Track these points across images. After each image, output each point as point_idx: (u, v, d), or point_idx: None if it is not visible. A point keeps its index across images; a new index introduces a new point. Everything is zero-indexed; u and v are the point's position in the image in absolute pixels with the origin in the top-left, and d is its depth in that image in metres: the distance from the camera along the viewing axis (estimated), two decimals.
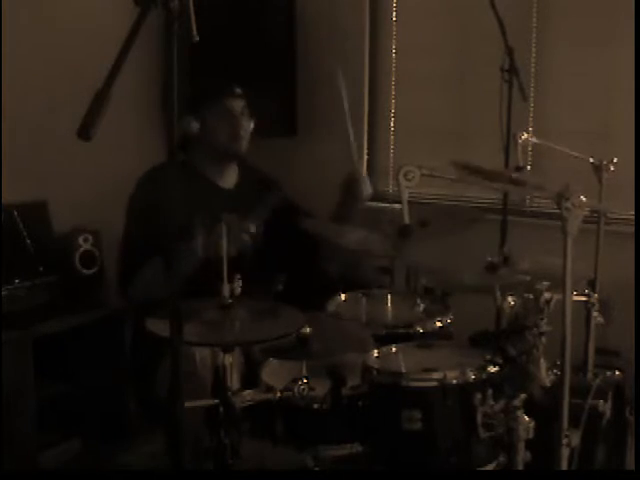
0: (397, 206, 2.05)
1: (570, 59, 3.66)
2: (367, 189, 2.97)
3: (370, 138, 4.16)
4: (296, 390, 2.03)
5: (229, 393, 1.99)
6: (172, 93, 1.47)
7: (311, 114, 4.07)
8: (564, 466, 1.86)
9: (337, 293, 2.73)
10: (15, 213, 3.41)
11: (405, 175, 1.91)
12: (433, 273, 2.71)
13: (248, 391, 2.07)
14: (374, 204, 4.09)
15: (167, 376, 1.59)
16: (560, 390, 1.84)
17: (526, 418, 1.96)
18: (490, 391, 2.00)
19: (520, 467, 1.98)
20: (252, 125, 2.85)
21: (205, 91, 2.85)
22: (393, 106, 4.11)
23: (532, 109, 3.73)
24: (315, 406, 2.11)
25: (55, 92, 3.56)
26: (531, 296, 2.09)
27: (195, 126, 2.72)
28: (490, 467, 2.04)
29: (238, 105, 2.80)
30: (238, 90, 2.82)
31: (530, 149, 3.53)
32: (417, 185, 1.93)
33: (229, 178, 2.90)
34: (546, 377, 2.06)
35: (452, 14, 3.93)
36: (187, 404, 1.57)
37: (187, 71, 3.49)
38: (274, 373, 2.27)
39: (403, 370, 2.15)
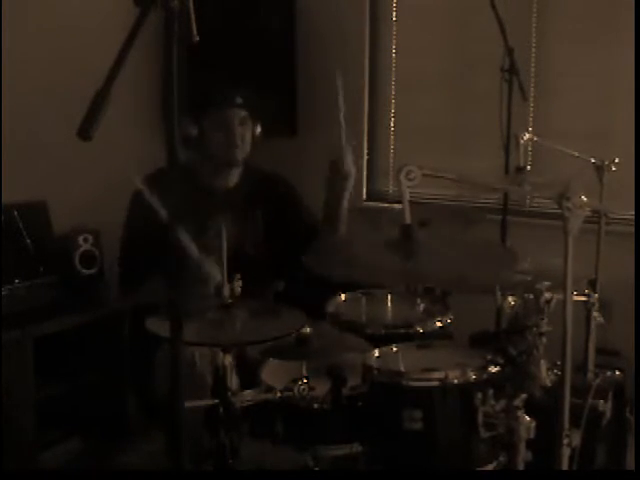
0: (397, 206, 2.05)
1: (570, 59, 3.66)
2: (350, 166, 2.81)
3: (370, 138, 4.15)
4: (296, 390, 2.03)
5: (229, 393, 1.99)
6: (172, 93, 1.47)
7: (311, 114, 4.07)
8: (564, 466, 1.86)
9: (337, 293, 2.73)
10: (15, 213, 3.41)
11: (406, 175, 1.91)
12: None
13: (248, 391, 2.07)
14: (374, 204, 4.11)
15: (164, 376, 1.59)
16: (560, 390, 1.84)
17: (527, 418, 1.96)
18: (491, 391, 2.00)
19: (521, 467, 1.98)
20: (258, 131, 2.86)
21: (205, 96, 2.83)
22: (393, 106, 4.11)
23: (532, 109, 3.73)
24: (315, 406, 2.11)
25: (55, 92, 3.56)
26: (531, 296, 2.09)
27: (193, 130, 2.72)
28: (490, 467, 2.03)
29: (238, 115, 2.79)
30: (239, 100, 2.80)
31: (530, 149, 3.53)
32: (418, 185, 1.93)
33: (228, 179, 2.90)
34: (546, 377, 2.06)
35: (452, 14, 3.93)
36: (187, 404, 1.57)
37: (187, 71, 3.49)
38: (274, 373, 2.27)
39: (403, 370, 2.15)
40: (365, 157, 4.16)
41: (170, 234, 1.47)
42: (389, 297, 2.80)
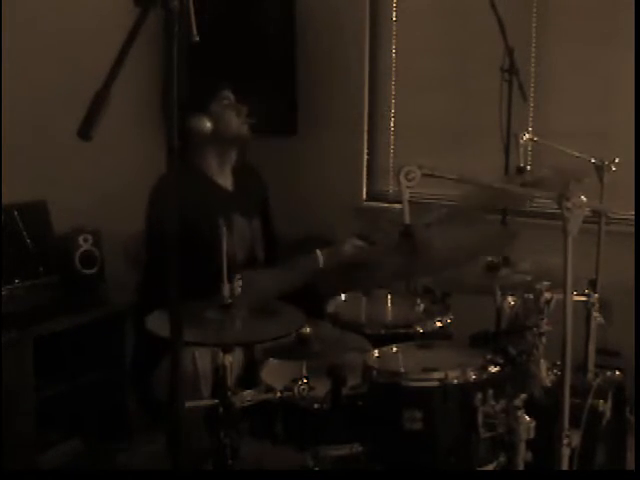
0: (397, 206, 2.05)
1: (570, 59, 3.66)
2: None
3: (370, 138, 4.15)
4: (296, 390, 2.03)
5: (229, 393, 1.99)
6: (172, 93, 1.47)
7: (311, 114, 4.07)
8: (565, 466, 1.86)
9: (337, 293, 2.73)
10: (15, 213, 3.41)
11: (406, 175, 1.91)
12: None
13: (248, 391, 2.07)
14: (374, 204, 4.11)
15: (165, 376, 1.59)
16: (560, 390, 1.84)
17: (527, 418, 1.96)
18: (491, 391, 2.00)
19: (521, 467, 1.98)
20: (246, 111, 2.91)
21: (207, 88, 2.90)
22: (393, 106, 4.11)
23: (532, 109, 3.73)
24: (315, 406, 2.11)
25: (55, 92, 3.57)
26: (531, 296, 2.09)
27: (208, 124, 2.76)
28: (490, 467, 2.03)
29: (231, 95, 2.88)
30: (226, 82, 2.91)
31: (530, 149, 3.52)
32: (417, 185, 1.93)
33: (228, 180, 2.91)
34: (546, 377, 2.06)
35: (452, 14, 3.93)
36: (187, 404, 1.57)
37: (187, 71, 3.49)
38: (274, 373, 2.27)
39: (403, 370, 2.15)
40: (365, 157, 4.16)
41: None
42: (389, 297, 2.80)
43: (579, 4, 3.63)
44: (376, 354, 2.21)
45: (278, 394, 2.05)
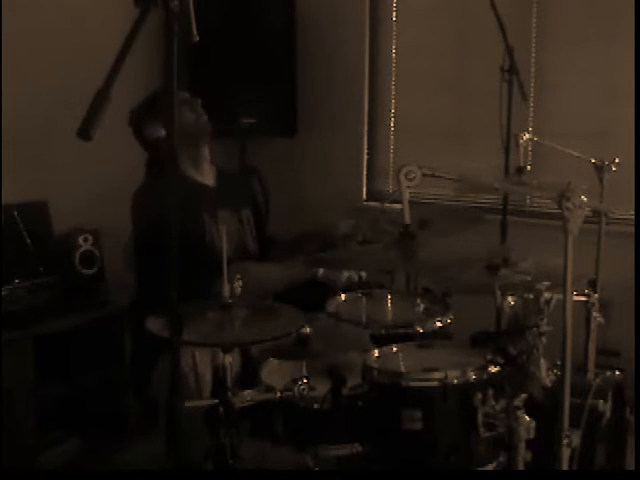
0: (397, 206, 2.05)
1: (570, 59, 3.67)
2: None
3: (370, 138, 4.16)
4: (296, 390, 2.03)
5: (229, 393, 1.99)
6: (172, 93, 1.47)
7: (311, 113, 4.07)
8: (564, 466, 1.86)
9: (337, 293, 2.73)
10: (15, 213, 3.41)
11: (406, 175, 1.91)
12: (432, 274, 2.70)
13: (248, 391, 2.07)
14: (374, 204, 4.11)
15: (164, 376, 1.59)
16: (560, 390, 1.84)
17: (527, 418, 1.96)
18: (491, 391, 2.00)
19: (520, 467, 1.98)
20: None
21: (157, 96, 2.80)
22: (393, 106, 4.11)
23: (532, 109, 3.73)
24: (315, 406, 2.11)
25: (55, 92, 3.56)
26: (531, 296, 2.09)
27: (161, 128, 2.67)
28: (490, 467, 2.03)
29: (183, 94, 2.80)
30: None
31: (530, 149, 3.52)
32: (417, 185, 1.93)
33: (208, 176, 2.88)
34: (546, 377, 2.06)
35: (452, 14, 3.93)
36: (187, 404, 1.57)
37: (187, 71, 3.50)
38: (274, 373, 2.27)
39: (403, 370, 2.15)
40: (365, 157, 4.16)
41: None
42: (389, 297, 2.80)
43: (579, 4, 3.64)
44: (376, 354, 2.21)
45: (278, 394, 2.05)
